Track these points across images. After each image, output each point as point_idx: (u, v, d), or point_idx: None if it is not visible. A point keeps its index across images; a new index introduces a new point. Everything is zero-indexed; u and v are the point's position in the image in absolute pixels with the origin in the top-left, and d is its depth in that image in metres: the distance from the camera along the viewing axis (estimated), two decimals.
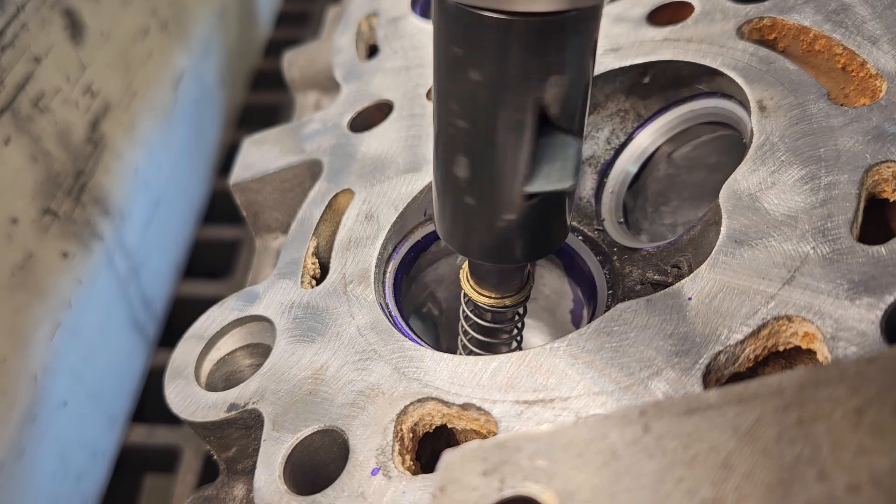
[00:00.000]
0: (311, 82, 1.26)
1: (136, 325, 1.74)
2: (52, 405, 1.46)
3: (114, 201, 1.65)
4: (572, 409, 0.69)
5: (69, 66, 1.56)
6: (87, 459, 1.57)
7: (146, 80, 1.77)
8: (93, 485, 1.59)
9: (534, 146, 0.62)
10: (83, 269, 1.55)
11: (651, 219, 0.98)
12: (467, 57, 0.60)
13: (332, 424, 0.76)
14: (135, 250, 1.72)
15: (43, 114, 1.48)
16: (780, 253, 0.72)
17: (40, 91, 1.47)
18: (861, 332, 0.64)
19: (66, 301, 1.50)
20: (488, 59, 0.59)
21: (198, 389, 0.85)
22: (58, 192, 1.51)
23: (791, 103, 0.82)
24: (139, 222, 1.73)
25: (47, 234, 1.48)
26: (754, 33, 0.91)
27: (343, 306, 0.85)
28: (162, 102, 1.83)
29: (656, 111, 0.97)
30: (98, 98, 1.64)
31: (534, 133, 0.61)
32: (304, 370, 0.81)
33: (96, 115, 1.62)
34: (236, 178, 1.07)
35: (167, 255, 1.86)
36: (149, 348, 1.78)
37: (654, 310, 0.72)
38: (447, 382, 0.75)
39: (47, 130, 1.49)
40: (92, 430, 1.58)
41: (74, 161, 1.56)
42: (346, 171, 0.99)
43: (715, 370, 0.68)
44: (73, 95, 1.57)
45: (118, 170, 1.67)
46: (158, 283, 1.82)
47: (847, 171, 0.74)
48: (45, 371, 1.44)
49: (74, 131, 1.56)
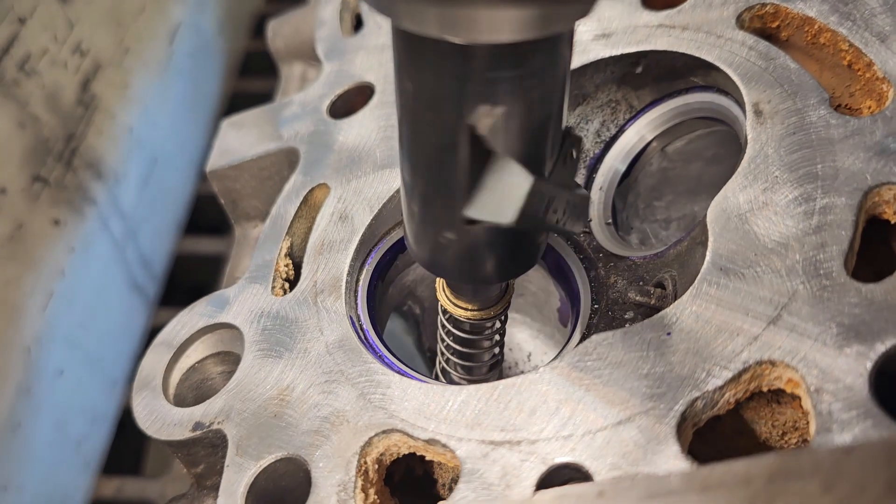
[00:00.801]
0: (296, 53, 1.20)
1: (135, 287, 1.72)
2: (47, 375, 1.45)
3: (107, 163, 1.61)
4: (539, 455, 0.65)
5: (56, 24, 1.50)
6: (87, 424, 1.57)
7: (139, 34, 1.71)
8: (94, 449, 1.59)
9: (469, 172, 0.58)
10: (76, 235, 1.52)
11: (643, 216, 0.92)
12: (400, 63, 0.58)
13: (296, 453, 0.73)
14: (131, 212, 1.68)
15: (30, 77, 1.44)
16: (767, 286, 0.66)
17: (26, 53, 1.42)
18: (848, 385, 0.59)
19: (59, 269, 1.48)
20: (415, 71, 0.57)
21: (164, 404, 0.83)
22: (48, 158, 1.47)
23: (789, 108, 0.75)
24: (135, 183, 1.70)
25: (38, 202, 1.44)
26: (756, 20, 0.84)
27: (312, 319, 0.82)
28: (156, 57, 1.77)
29: (649, 103, 0.90)
30: (88, 57, 1.58)
31: (467, 159, 0.58)
32: (269, 389, 0.78)
33: (86, 76, 1.57)
34: (213, 164, 1.02)
35: (166, 213, 1.83)
36: (150, 308, 1.76)
37: (630, 344, 0.68)
38: (413, 414, 0.71)
39: (35, 94, 1.44)
40: (91, 395, 1.58)
41: (64, 125, 1.51)
42: (322, 163, 0.94)
43: (691, 416, 0.64)
44: (62, 56, 1.52)
45: (111, 131, 1.63)
46: (158, 242, 1.79)
47: (845, 194, 0.68)
48: (39, 342, 1.43)
49: (64, 94, 1.51)
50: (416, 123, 0.60)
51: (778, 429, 0.70)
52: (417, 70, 0.56)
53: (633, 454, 0.63)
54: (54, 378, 1.46)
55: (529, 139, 0.59)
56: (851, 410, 0.58)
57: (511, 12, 0.46)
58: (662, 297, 0.76)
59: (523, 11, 0.47)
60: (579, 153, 0.65)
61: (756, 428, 0.71)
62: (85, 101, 1.56)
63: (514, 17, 0.47)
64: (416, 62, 0.56)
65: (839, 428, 0.58)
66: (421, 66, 0.56)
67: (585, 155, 0.92)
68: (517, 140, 0.58)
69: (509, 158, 0.57)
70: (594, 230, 0.88)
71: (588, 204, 0.88)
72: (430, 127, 0.59)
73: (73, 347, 1.53)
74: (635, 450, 0.63)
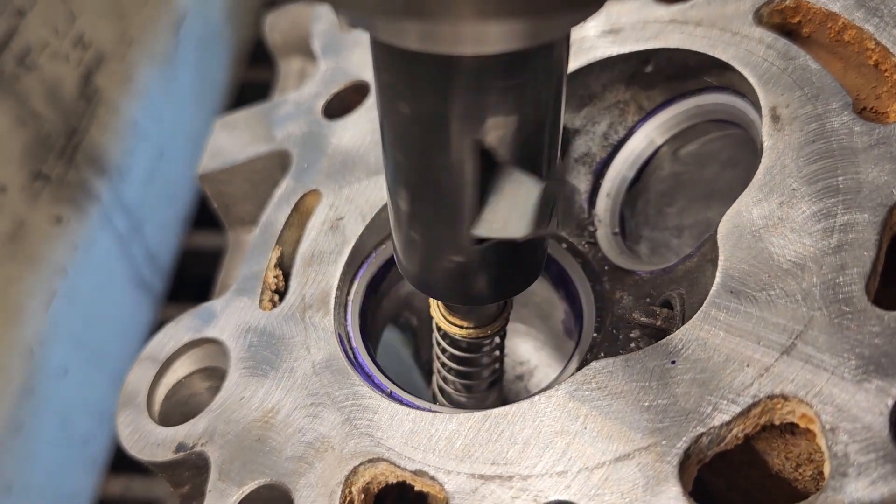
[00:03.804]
0: (294, 47, 1.15)
1: (140, 283, 1.69)
2: (51, 375, 1.42)
3: (111, 158, 1.58)
4: (531, 492, 0.61)
5: (57, 17, 1.46)
6: (94, 423, 1.55)
7: (143, 25, 1.67)
8: (100, 447, 1.57)
9: (478, 189, 0.54)
10: (79, 233, 1.49)
11: (653, 223, 0.87)
12: (391, 86, 0.53)
13: (279, 480, 0.70)
14: (136, 207, 1.65)
15: (30, 71, 1.40)
16: (781, 312, 0.61)
17: (26, 47, 1.39)
18: (866, 425, 0.54)
19: (61, 268, 1.45)
20: (414, 93, 0.52)
21: (148, 422, 0.79)
22: (49, 154, 1.44)
23: (809, 114, 0.69)
24: (140, 178, 1.66)
25: (39, 199, 1.42)
26: (775, 16, 0.78)
27: (300, 336, 0.78)
28: (161, 48, 1.73)
29: (660, 104, 0.84)
30: (90, 50, 1.54)
31: (476, 175, 0.54)
32: (254, 411, 0.75)
33: (89, 69, 1.54)
34: (204, 167, 0.98)
35: (173, 207, 1.80)
36: (156, 304, 1.73)
37: (631, 373, 0.63)
38: (400, 443, 0.67)
39: (35, 89, 1.41)
40: (97, 393, 1.56)
41: (66, 120, 1.48)
42: (314, 167, 0.90)
43: (696, 453, 0.59)
44: (63, 49, 1.48)
45: (115, 125, 1.59)
46: (164, 237, 1.76)
47: (868, 209, 0.62)
48: (42, 342, 1.40)
49: (65, 88, 1.47)
50: (416, 148, 0.55)
51: (792, 461, 0.65)
52: (416, 91, 0.51)
53: (631, 494, 0.58)
54: (59, 377, 1.44)
55: (537, 143, 0.55)
56: (870, 453, 0.53)
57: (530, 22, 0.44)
58: (669, 319, 0.71)
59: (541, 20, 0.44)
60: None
61: (768, 459, 0.66)
62: (87, 95, 1.53)
63: (532, 26, 0.44)
64: (415, 82, 0.51)
65: (856, 472, 0.53)
66: (422, 86, 0.51)
67: (592, 159, 0.86)
68: (525, 147, 0.54)
69: (515, 168, 0.53)
70: (600, 241, 0.83)
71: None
72: (433, 149, 0.54)
73: (78, 346, 1.50)
74: (634, 489, 0.58)
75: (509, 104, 0.51)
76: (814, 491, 0.65)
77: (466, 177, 0.54)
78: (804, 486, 0.66)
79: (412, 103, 0.52)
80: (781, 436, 0.64)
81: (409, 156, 0.56)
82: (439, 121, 0.52)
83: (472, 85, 0.50)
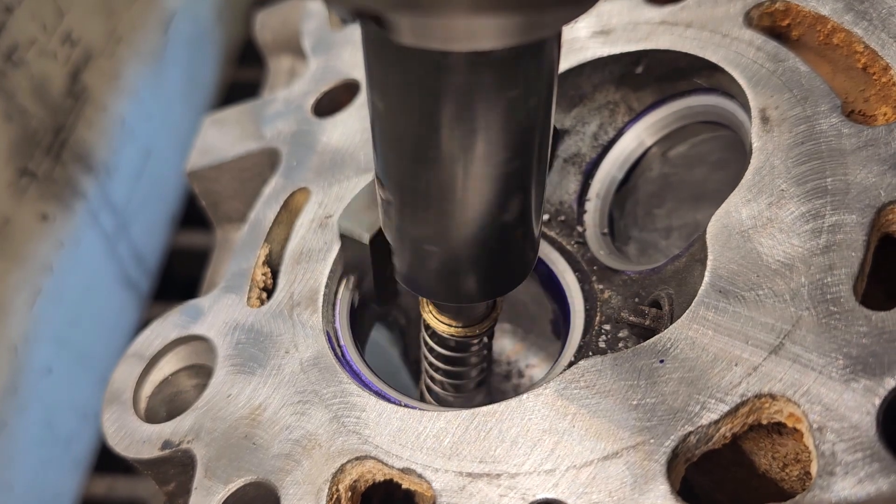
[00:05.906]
0: (285, 46, 1.15)
1: (127, 283, 1.68)
2: (35, 374, 1.41)
3: (98, 156, 1.57)
4: (519, 490, 0.60)
5: (45, 13, 1.45)
6: (77, 423, 1.54)
7: (132, 23, 1.66)
8: (84, 447, 1.56)
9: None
10: (65, 230, 1.48)
11: (642, 225, 0.87)
12: (383, 82, 0.53)
13: (265, 477, 0.69)
14: (123, 206, 1.64)
15: (17, 68, 1.39)
16: (770, 312, 0.61)
17: (13, 43, 1.38)
18: (853, 424, 0.54)
19: (46, 266, 1.44)
20: (403, 90, 0.52)
21: (133, 419, 0.79)
22: (35, 151, 1.43)
23: (798, 116, 0.70)
24: (127, 176, 1.65)
25: (25, 196, 1.40)
26: (765, 18, 0.78)
27: (287, 333, 0.77)
28: (150, 46, 1.72)
29: (650, 105, 0.85)
30: (78, 47, 1.53)
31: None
32: (241, 408, 0.74)
33: (77, 66, 1.53)
34: (192, 164, 0.98)
35: (160, 206, 1.79)
36: (143, 304, 1.72)
37: (620, 372, 0.63)
38: (388, 441, 0.67)
39: (22, 86, 1.40)
40: (81, 393, 1.54)
41: (53, 117, 1.47)
42: (303, 165, 0.89)
43: (683, 452, 0.59)
44: (51, 46, 1.47)
45: (102, 122, 1.58)
46: (151, 236, 1.75)
47: (856, 211, 0.63)
48: (26, 340, 1.39)
49: (53, 85, 1.46)
50: (407, 145, 0.55)
51: (779, 461, 0.65)
52: (407, 87, 0.51)
53: (619, 492, 0.58)
54: (42, 376, 1.43)
55: (528, 143, 0.55)
56: (857, 452, 0.53)
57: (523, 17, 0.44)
58: (657, 318, 0.71)
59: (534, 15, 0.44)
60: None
61: (755, 459, 0.66)
62: (75, 93, 1.52)
63: (525, 21, 0.44)
64: (407, 79, 0.51)
65: (843, 471, 0.53)
66: (413, 83, 0.51)
67: (581, 160, 0.86)
68: (515, 146, 0.54)
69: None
70: (589, 241, 0.83)
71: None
72: (424, 146, 0.54)
73: (62, 345, 1.49)
74: (622, 488, 0.58)
75: (500, 102, 0.51)
76: (800, 491, 0.65)
77: (457, 174, 0.54)
78: (791, 486, 0.66)
79: (403, 100, 0.52)
80: (769, 435, 0.64)
81: (400, 153, 0.56)
82: (430, 118, 0.52)
83: (463, 82, 0.50)
